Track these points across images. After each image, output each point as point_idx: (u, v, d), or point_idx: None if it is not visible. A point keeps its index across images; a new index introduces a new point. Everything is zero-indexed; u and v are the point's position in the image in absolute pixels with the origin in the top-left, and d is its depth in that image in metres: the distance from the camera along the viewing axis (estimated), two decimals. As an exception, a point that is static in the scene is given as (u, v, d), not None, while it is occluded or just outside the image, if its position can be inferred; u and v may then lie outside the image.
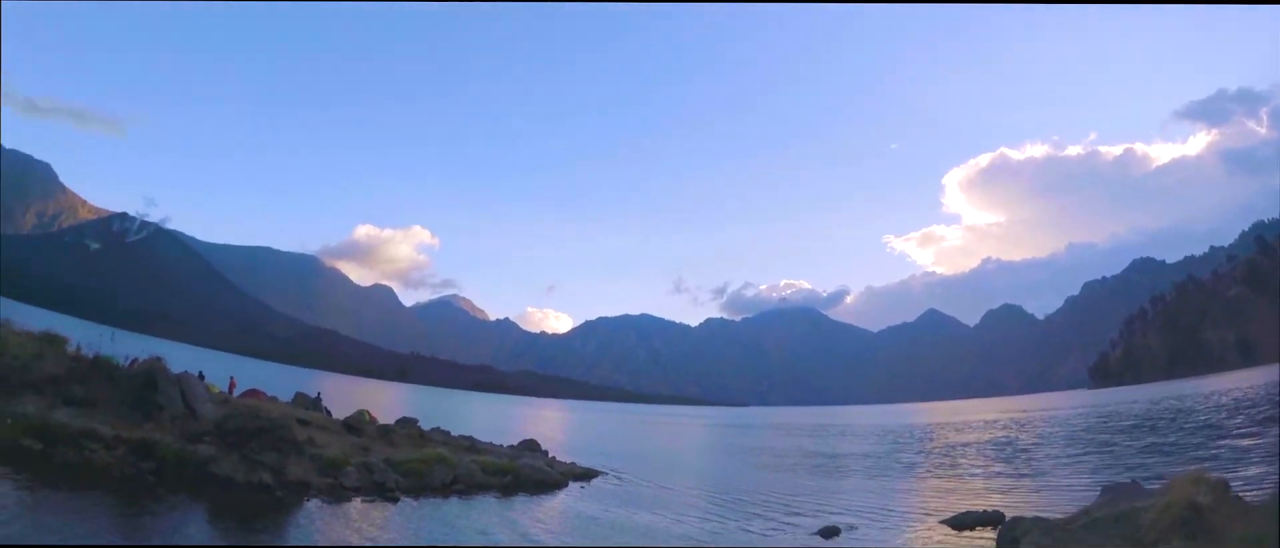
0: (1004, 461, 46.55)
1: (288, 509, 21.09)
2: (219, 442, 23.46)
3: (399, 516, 22.99)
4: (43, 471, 18.14)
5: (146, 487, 19.59)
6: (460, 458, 32.08)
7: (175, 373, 27.49)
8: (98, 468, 19.77)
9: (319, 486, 24.06)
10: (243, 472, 22.43)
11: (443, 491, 28.04)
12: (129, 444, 21.61)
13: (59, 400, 23.74)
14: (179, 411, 25.83)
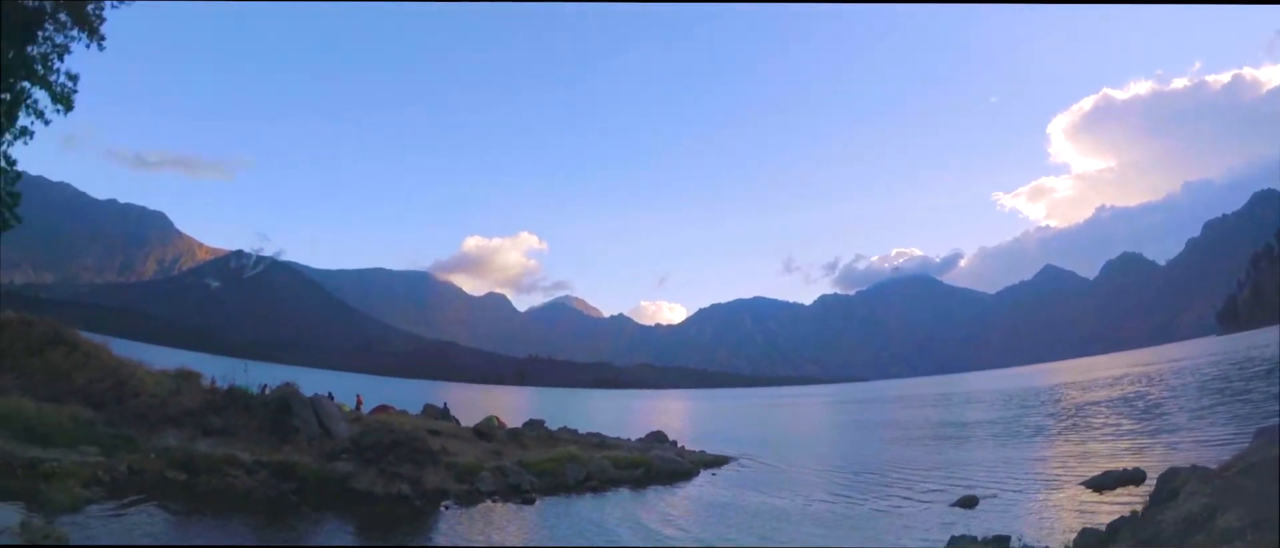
0: (1136, 417, 45.49)
1: (427, 517, 21.89)
2: (356, 458, 24.57)
3: (535, 515, 23.59)
4: (189, 499, 19.35)
5: (290, 507, 20.62)
6: (591, 455, 32.74)
7: (308, 396, 29.05)
8: (241, 493, 20.93)
9: (456, 492, 24.83)
10: (381, 485, 23.40)
11: (577, 488, 28.65)
12: (270, 468, 22.87)
13: (199, 432, 25.37)
14: (315, 432, 27.32)
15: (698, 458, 38.66)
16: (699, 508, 26.51)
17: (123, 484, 19.51)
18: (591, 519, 23.59)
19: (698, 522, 23.67)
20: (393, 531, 19.91)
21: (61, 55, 53.10)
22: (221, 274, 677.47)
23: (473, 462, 28.12)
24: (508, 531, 21.35)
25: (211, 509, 18.86)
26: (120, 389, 27.83)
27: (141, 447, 23.27)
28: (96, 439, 22.92)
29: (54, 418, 22.82)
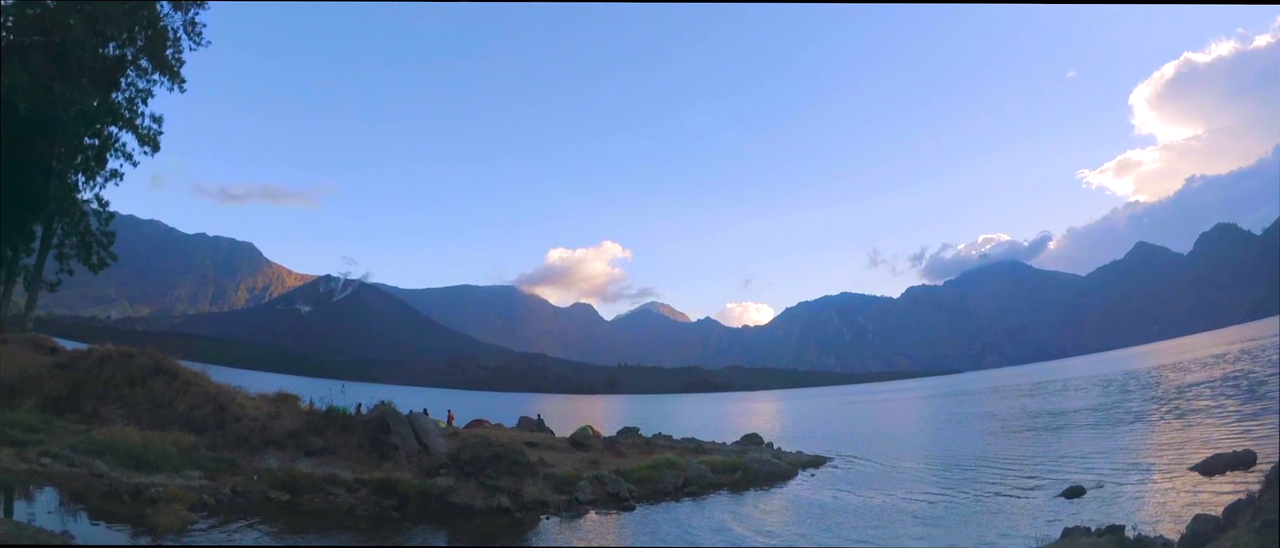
0: (1240, 398, 44.23)
1: (527, 529, 21.98)
2: (455, 472, 24.87)
3: (634, 522, 23.63)
4: (292, 518, 19.80)
5: (391, 523, 20.93)
6: (688, 460, 32.65)
7: (404, 413, 29.55)
8: (343, 510, 21.31)
9: (555, 503, 24.97)
10: (481, 498, 23.59)
11: (675, 494, 28.57)
12: (370, 485, 23.24)
13: (299, 453, 26.15)
14: (413, 448, 27.91)
15: (795, 459, 38.49)
16: (798, 510, 26.25)
17: (227, 506, 20.06)
18: (691, 525, 23.54)
19: (797, 524, 23.43)
20: (492, 542, 19.99)
21: (145, 99, 55.66)
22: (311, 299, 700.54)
23: (571, 472, 28.27)
24: (608, 540, 21.38)
25: (314, 527, 19.26)
26: (221, 414, 28.76)
27: (244, 469, 24.00)
28: (200, 464, 23.72)
29: (158, 445, 23.64)
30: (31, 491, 18.66)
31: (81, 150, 52.82)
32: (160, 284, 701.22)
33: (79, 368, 32.11)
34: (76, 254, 53.73)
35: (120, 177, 55.93)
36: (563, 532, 21.88)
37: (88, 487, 19.70)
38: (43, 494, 18.60)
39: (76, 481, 19.97)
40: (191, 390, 30.51)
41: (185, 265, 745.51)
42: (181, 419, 28.17)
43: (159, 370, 31.44)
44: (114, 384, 30.66)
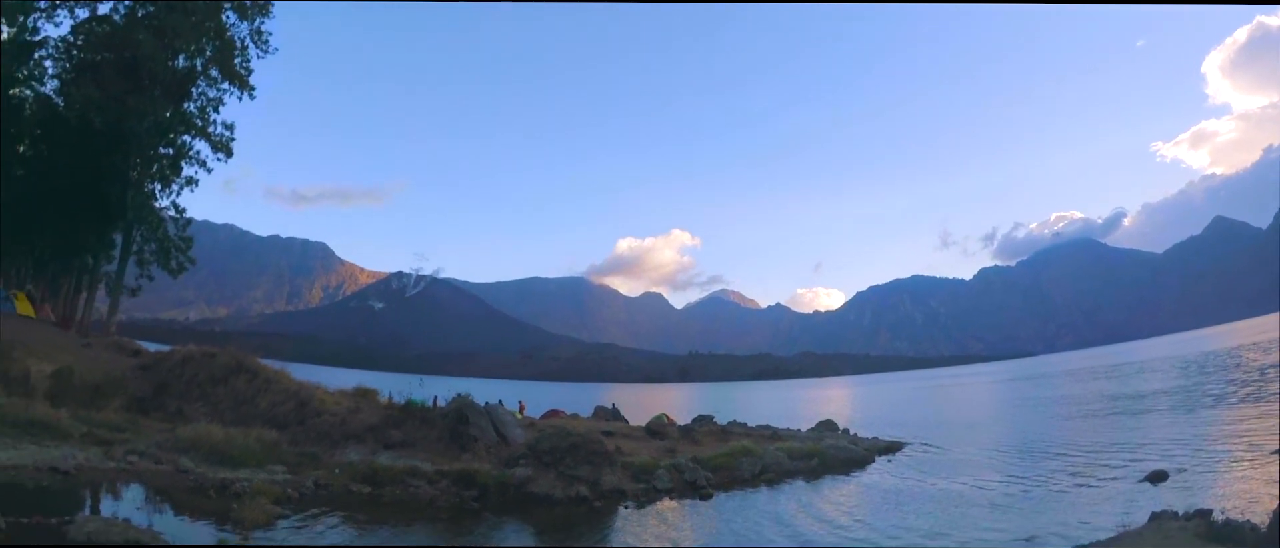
0: None
1: (606, 517, 21.96)
2: (534, 462, 24.95)
3: (710, 510, 23.52)
4: (374, 510, 19.99)
5: (471, 513, 21.02)
6: (764, 447, 32.58)
7: (483, 405, 29.75)
8: (424, 502, 21.45)
9: (633, 492, 24.90)
10: (560, 488, 23.61)
11: (752, 482, 28.42)
12: (450, 476, 23.39)
13: (380, 446, 26.39)
14: (492, 439, 28.08)
15: (871, 445, 38.12)
16: (874, 497, 25.87)
17: (310, 499, 20.27)
18: (768, 511, 23.42)
19: (873, 511, 22.99)
20: (573, 531, 20.08)
21: (216, 107, 57.05)
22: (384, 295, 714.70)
23: (648, 460, 28.20)
24: (685, 527, 21.34)
25: (396, 518, 19.42)
26: (302, 410, 29.20)
27: (325, 463, 24.33)
28: (282, 458, 24.10)
29: (241, 441, 24.01)
30: (119, 488, 19.05)
31: (156, 160, 54.28)
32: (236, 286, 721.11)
33: (162, 369, 32.95)
34: (156, 260, 55.25)
35: (195, 183, 57.46)
36: (641, 521, 21.88)
37: (174, 483, 20.06)
38: (129, 491, 18.98)
39: (162, 477, 20.36)
40: (272, 388, 31.05)
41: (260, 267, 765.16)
42: (263, 416, 28.68)
43: (240, 369, 32.10)
44: (197, 383, 31.39)
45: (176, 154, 55.54)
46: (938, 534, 18.78)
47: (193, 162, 56.37)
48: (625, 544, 15.85)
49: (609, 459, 26.05)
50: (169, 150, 55.15)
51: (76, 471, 19.34)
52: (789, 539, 18.86)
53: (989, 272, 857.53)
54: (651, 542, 18.56)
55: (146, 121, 51.59)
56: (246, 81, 56.88)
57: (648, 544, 18.18)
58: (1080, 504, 21.59)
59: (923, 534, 18.86)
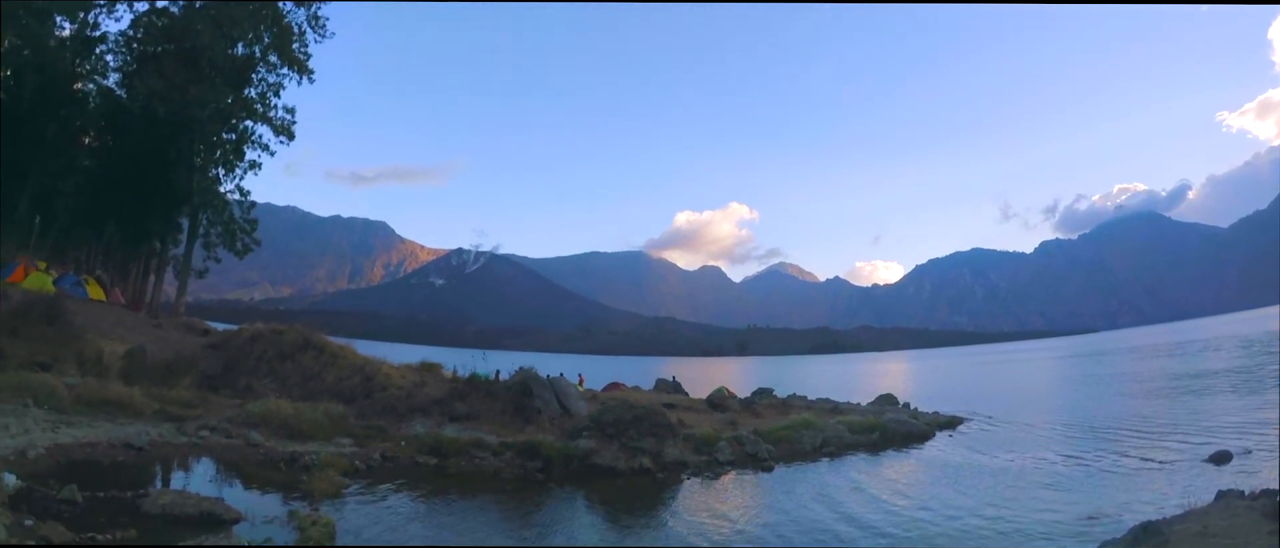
0: None
1: (667, 488, 22.02)
2: (597, 434, 25.04)
3: (771, 482, 23.51)
4: (439, 482, 20.16)
5: (536, 484, 21.16)
6: (825, 421, 32.75)
7: (547, 377, 29.99)
8: (489, 473, 21.60)
9: (695, 463, 25.06)
10: (623, 459, 23.69)
11: (812, 455, 28.47)
12: (515, 448, 23.58)
13: (445, 419, 26.74)
14: (555, 412, 28.33)
15: (931, 420, 37.92)
16: (935, 471, 25.46)
17: (377, 471, 20.54)
18: (826, 482, 23.35)
19: (933, 485, 22.70)
20: (636, 503, 20.09)
21: (277, 92, 57.90)
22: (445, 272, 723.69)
23: (710, 433, 28.28)
24: (744, 498, 21.28)
25: (462, 489, 19.56)
26: (368, 385, 29.66)
27: (392, 436, 24.57)
28: (350, 432, 24.46)
29: (309, 415, 24.41)
30: (190, 462, 19.41)
31: (220, 145, 55.40)
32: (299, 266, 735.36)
33: (231, 347, 33.60)
34: (222, 242, 56.45)
35: (258, 167, 58.61)
36: (702, 492, 21.92)
37: (244, 457, 20.41)
38: (201, 465, 19.34)
39: (233, 451, 20.72)
40: (339, 363, 31.56)
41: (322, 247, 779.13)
42: (330, 390, 29.14)
43: (307, 345, 32.65)
44: (265, 360, 31.95)
45: (239, 139, 56.65)
46: (998, 511, 18.40)
47: (255, 146, 57.47)
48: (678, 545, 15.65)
49: (671, 431, 26.14)
50: (231, 136, 56.24)
51: (150, 446, 19.76)
52: (846, 513, 18.61)
53: (1050, 245, 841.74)
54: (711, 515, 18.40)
55: (209, 109, 52.58)
56: (305, 66, 57.69)
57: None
58: (1142, 483, 21.20)
59: (983, 511, 18.46)
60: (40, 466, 16.17)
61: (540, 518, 17.82)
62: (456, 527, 16.08)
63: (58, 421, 20.01)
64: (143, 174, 52.51)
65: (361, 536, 14.55)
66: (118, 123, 54.94)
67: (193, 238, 55.55)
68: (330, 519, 14.72)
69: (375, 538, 14.48)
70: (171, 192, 53.53)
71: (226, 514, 14.33)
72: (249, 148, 57.23)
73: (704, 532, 16.57)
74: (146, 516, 13.71)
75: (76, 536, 11.88)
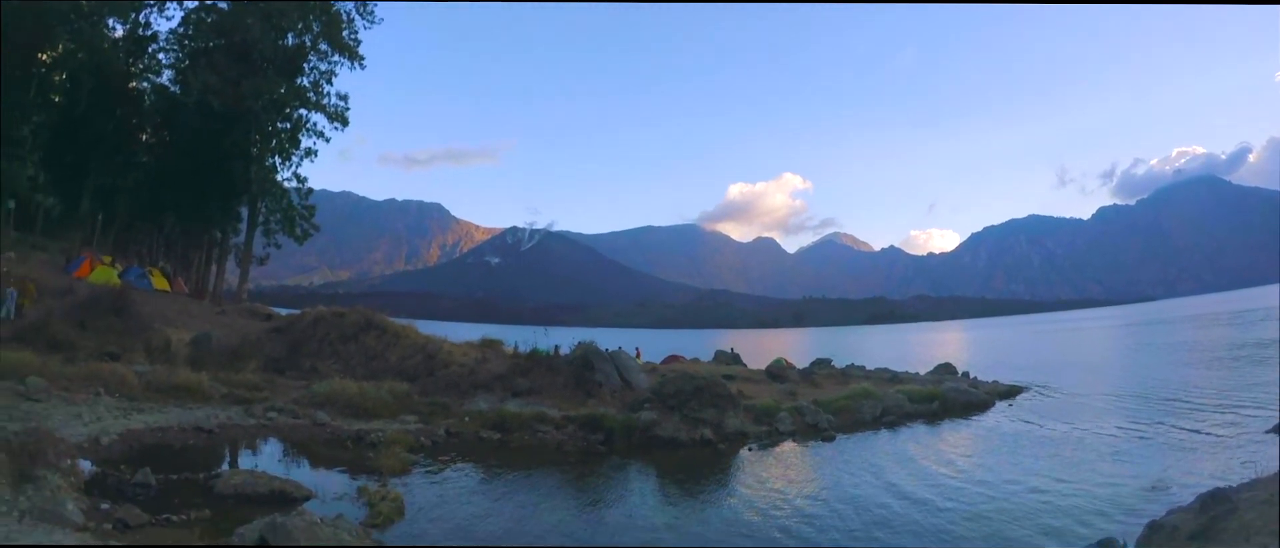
0: None
1: (729, 459, 22.04)
2: (659, 406, 24.94)
3: (831, 452, 23.30)
4: (503, 456, 20.34)
5: (598, 456, 21.25)
6: (884, 390, 32.44)
7: (606, 351, 30.09)
8: (551, 447, 21.75)
9: (755, 434, 25.00)
10: (685, 431, 23.63)
11: (872, 424, 28.30)
12: (577, 421, 23.68)
13: (507, 394, 26.90)
14: (616, 385, 28.37)
15: (991, 389, 37.31)
16: (995, 440, 24.99)
17: (442, 447, 20.75)
18: (885, 452, 23.11)
19: (993, 454, 22.27)
20: (698, 474, 20.03)
21: (329, 79, 58.48)
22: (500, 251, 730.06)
23: (770, 403, 28.24)
24: (802, 469, 21.04)
25: (526, 463, 19.64)
26: (430, 362, 29.98)
27: (456, 412, 24.83)
28: (414, 409, 24.67)
29: (374, 394, 24.70)
30: (259, 443, 19.72)
31: (275, 135, 56.09)
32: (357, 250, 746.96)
33: (295, 330, 34.08)
34: (282, 229, 57.35)
35: (314, 154, 59.38)
36: (762, 461, 21.84)
37: (311, 436, 20.77)
38: (269, 446, 19.69)
39: (300, 431, 21.06)
40: (401, 342, 31.93)
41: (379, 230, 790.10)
42: (393, 369, 29.49)
43: (369, 326, 33.03)
44: (328, 342, 32.36)
45: (294, 127, 57.44)
46: (1059, 482, 17.97)
47: (310, 133, 58.16)
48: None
49: (732, 402, 26.00)
50: (286, 125, 56.98)
51: (220, 429, 20.13)
52: (901, 485, 18.19)
53: (1107, 211, 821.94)
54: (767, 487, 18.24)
55: (263, 100, 53.40)
56: (356, 52, 58.22)
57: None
58: (1203, 454, 20.66)
59: (1044, 482, 18.02)
60: (114, 452, 16.54)
61: (602, 490, 17.81)
62: (521, 500, 16.13)
63: (129, 408, 20.46)
64: (200, 167, 53.55)
65: (429, 511, 14.61)
66: (173, 119, 56.11)
67: (253, 226, 56.57)
68: (399, 494, 14.84)
69: (443, 514, 14.54)
70: (230, 182, 54.51)
71: (297, 492, 14.52)
72: (304, 135, 58.04)
73: (757, 504, 16.39)
74: (219, 496, 13.94)
75: (152, 517, 12.09)
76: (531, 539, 13.38)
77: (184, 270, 59.48)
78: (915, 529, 14.14)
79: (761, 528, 14.40)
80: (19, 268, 37.34)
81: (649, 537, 13.81)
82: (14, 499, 11.06)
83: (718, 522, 15.00)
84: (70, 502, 11.67)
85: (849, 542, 13.54)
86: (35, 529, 10.27)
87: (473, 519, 14.35)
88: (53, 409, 18.41)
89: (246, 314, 44.50)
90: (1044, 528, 14.23)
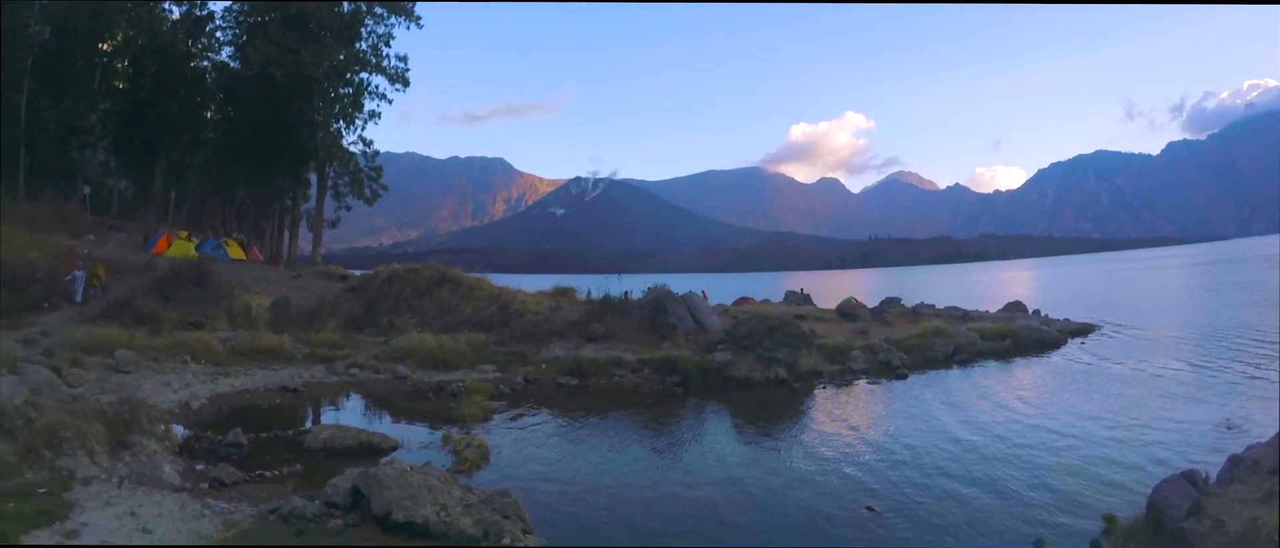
0: None
1: (802, 397, 21.96)
2: (732, 347, 24.91)
3: (904, 389, 23.13)
4: (581, 400, 20.50)
5: (675, 397, 21.32)
6: (956, 328, 32.14)
7: (680, 294, 30.07)
8: (628, 389, 21.84)
9: (829, 373, 24.94)
10: (759, 370, 23.61)
11: (944, 362, 28.09)
12: (652, 364, 23.79)
13: (583, 340, 27.02)
14: (690, 327, 28.28)
15: (1063, 327, 36.71)
16: (1068, 378, 24.49)
17: (521, 394, 20.98)
18: (958, 389, 22.86)
19: (1063, 392, 21.73)
20: (772, 412, 20.06)
21: (387, 42, 58.54)
22: (564, 201, 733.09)
23: (842, 342, 28.14)
24: (874, 404, 21.02)
25: (605, 406, 19.78)
26: (504, 313, 30.18)
27: (532, 359, 25.04)
28: (491, 358, 24.98)
29: (452, 345, 25.07)
30: (342, 400, 20.08)
31: (338, 100, 56.44)
32: (423, 209, 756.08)
33: (370, 289, 34.53)
34: (351, 191, 58.04)
35: (378, 116, 59.85)
36: (836, 399, 21.75)
37: (393, 389, 21.17)
38: (352, 401, 20.09)
39: (382, 385, 21.48)
40: (475, 295, 32.21)
41: (443, 188, 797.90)
42: (469, 321, 29.77)
43: (443, 280, 33.37)
44: (404, 298, 32.76)
45: (356, 92, 57.76)
46: (1134, 418, 17.58)
47: (372, 96, 58.51)
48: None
49: (805, 342, 25.76)
50: (348, 89, 57.33)
51: (304, 387, 20.57)
52: (976, 421, 17.90)
53: (1177, 146, 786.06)
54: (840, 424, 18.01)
55: (323, 67, 53.65)
56: (411, 11, 58.18)
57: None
58: (1274, 393, 19.86)
59: (1119, 419, 17.61)
60: (204, 415, 17.04)
61: (678, 430, 17.82)
62: (600, 442, 16.25)
63: (215, 373, 21.03)
64: (267, 137, 54.41)
65: (513, 456, 14.76)
66: (236, 93, 57.04)
67: (322, 191, 57.37)
68: (483, 441, 14.97)
69: (526, 457, 14.77)
70: (297, 150, 55.26)
71: (383, 443, 14.77)
72: (366, 99, 58.42)
73: (830, 440, 16.25)
74: (309, 450, 14.28)
75: (245, 474, 12.33)
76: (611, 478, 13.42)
77: (257, 239, 60.61)
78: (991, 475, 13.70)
79: (835, 465, 14.26)
80: (98, 250, 38.32)
81: (725, 475, 13.75)
82: (112, 466, 11.39)
83: (794, 459, 14.92)
84: (166, 465, 12.00)
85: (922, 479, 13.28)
86: (135, 493, 10.50)
87: (555, 463, 14.47)
88: (143, 379, 18.98)
89: (322, 277, 45.25)
90: (1127, 462, 13.97)
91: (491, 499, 10.57)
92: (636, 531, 10.87)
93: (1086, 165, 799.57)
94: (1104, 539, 9.86)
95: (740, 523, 11.27)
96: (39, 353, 19.12)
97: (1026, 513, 11.27)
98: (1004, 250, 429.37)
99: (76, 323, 25.33)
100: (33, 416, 12.15)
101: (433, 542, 9.56)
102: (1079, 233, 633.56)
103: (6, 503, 9.23)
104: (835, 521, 11.29)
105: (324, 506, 10.53)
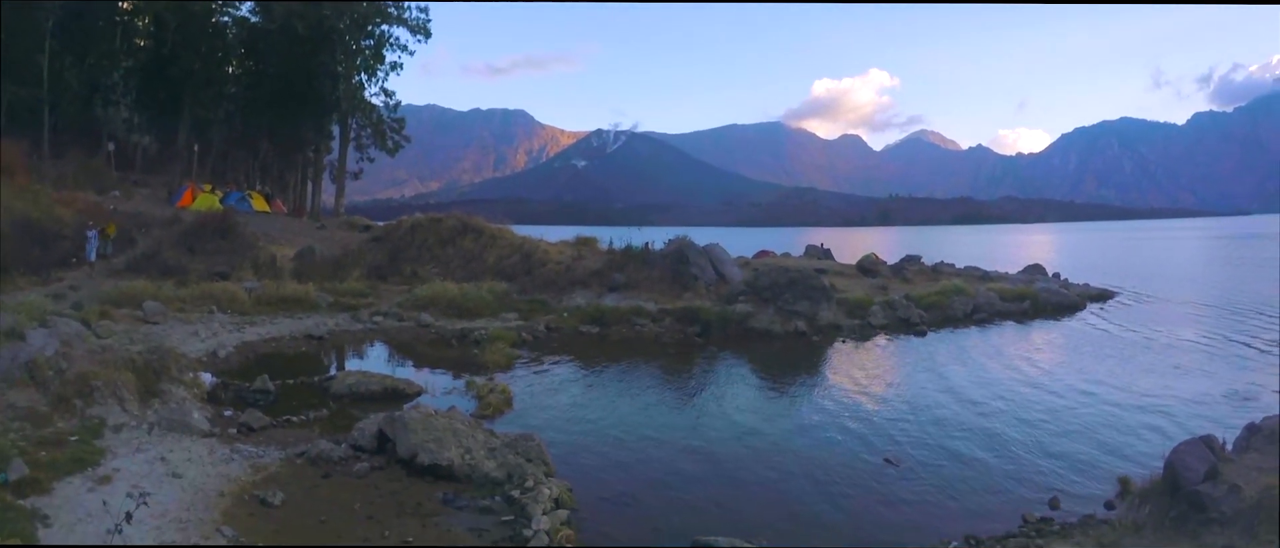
0: None
1: (823, 350, 21.87)
2: (753, 299, 24.93)
3: (922, 346, 23.03)
4: (602, 348, 20.63)
5: (695, 347, 21.38)
6: (976, 288, 31.80)
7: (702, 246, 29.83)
8: (649, 338, 21.96)
9: (848, 327, 24.92)
10: (779, 323, 23.69)
11: (963, 321, 27.90)
12: (673, 314, 23.83)
13: (604, 290, 27.06)
14: (711, 278, 28.08)
15: (1082, 292, 36.19)
16: (1088, 342, 24.13)
17: (543, 342, 21.13)
18: (973, 347, 22.75)
19: (1082, 356, 21.34)
20: (793, 363, 20.03)
21: (408, -7, 58.06)
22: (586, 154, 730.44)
23: (862, 297, 27.97)
24: (893, 360, 20.87)
25: (626, 355, 19.84)
26: (527, 262, 30.18)
27: (554, 308, 25.10)
28: (514, 307, 25.09)
29: (475, 294, 25.20)
30: (366, 347, 20.25)
31: (360, 52, 56.18)
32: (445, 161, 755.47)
33: (393, 238, 34.63)
34: (374, 142, 58.04)
35: (400, 67, 59.65)
36: (855, 353, 21.71)
37: (416, 337, 21.36)
38: (376, 348, 20.28)
39: (406, 333, 21.69)
40: (498, 244, 32.18)
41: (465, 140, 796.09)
42: (491, 270, 29.83)
43: (466, 230, 33.35)
44: (427, 247, 32.83)
45: (377, 43, 57.46)
46: (1150, 384, 17.40)
47: (394, 47, 58.25)
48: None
49: (826, 295, 25.73)
50: (369, 41, 57.05)
51: (329, 335, 20.78)
52: (994, 380, 17.80)
53: (1203, 117, 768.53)
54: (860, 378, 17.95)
55: (345, 19, 53.34)
56: (433, -37, 57.73)
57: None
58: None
59: (1141, 383, 17.45)
60: (231, 363, 17.26)
61: (697, 380, 17.84)
62: (619, 389, 16.34)
63: (242, 322, 21.24)
64: (290, 90, 54.24)
65: (535, 401, 14.88)
66: (258, 47, 56.79)
67: (345, 143, 57.37)
68: (507, 386, 15.11)
69: (548, 402, 14.86)
70: (319, 102, 55.12)
71: (408, 389, 14.94)
72: (388, 50, 58.18)
73: (849, 396, 16.15)
74: (335, 396, 14.47)
75: (273, 419, 12.50)
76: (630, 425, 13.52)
77: (281, 191, 60.75)
78: (1006, 435, 13.60)
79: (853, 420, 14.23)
80: (124, 205, 38.53)
81: (744, 427, 13.76)
82: (143, 413, 11.58)
83: (806, 413, 14.90)
84: (195, 411, 12.17)
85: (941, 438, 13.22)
86: (165, 438, 10.66)
87: (576, 409, 14.56)
88: (171, 330, 19.20)
89: (345, 227, 45.42)
90: (1146, 425, 13.92)
91: (515, 443, 10.71)
92: (656, 479, 10.95)
93: (1111, 132, 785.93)
94: (1118, 500, 9.88)
95: (755, 477, 11.26)
96: (68, 307, 19.31)
97: (1040, 478, 11.20)
98: (1024, 214, 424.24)
99: (104, 277, 25.65)
100: (64, 366, 12.29)
101: (458, 484, 9.68)
102: (1101, 199, 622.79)
103: (40, 451, 9.39)
104: (856, 472, 11.31)
105: (351, 449, 10.73)
